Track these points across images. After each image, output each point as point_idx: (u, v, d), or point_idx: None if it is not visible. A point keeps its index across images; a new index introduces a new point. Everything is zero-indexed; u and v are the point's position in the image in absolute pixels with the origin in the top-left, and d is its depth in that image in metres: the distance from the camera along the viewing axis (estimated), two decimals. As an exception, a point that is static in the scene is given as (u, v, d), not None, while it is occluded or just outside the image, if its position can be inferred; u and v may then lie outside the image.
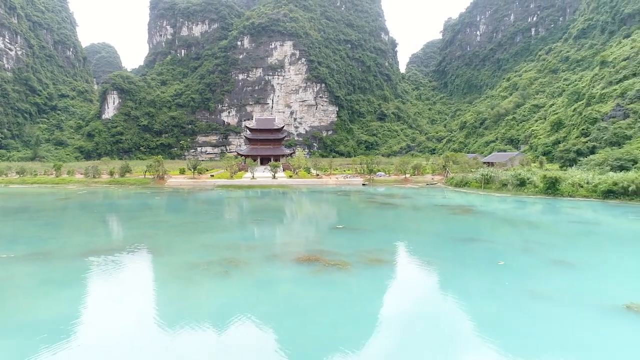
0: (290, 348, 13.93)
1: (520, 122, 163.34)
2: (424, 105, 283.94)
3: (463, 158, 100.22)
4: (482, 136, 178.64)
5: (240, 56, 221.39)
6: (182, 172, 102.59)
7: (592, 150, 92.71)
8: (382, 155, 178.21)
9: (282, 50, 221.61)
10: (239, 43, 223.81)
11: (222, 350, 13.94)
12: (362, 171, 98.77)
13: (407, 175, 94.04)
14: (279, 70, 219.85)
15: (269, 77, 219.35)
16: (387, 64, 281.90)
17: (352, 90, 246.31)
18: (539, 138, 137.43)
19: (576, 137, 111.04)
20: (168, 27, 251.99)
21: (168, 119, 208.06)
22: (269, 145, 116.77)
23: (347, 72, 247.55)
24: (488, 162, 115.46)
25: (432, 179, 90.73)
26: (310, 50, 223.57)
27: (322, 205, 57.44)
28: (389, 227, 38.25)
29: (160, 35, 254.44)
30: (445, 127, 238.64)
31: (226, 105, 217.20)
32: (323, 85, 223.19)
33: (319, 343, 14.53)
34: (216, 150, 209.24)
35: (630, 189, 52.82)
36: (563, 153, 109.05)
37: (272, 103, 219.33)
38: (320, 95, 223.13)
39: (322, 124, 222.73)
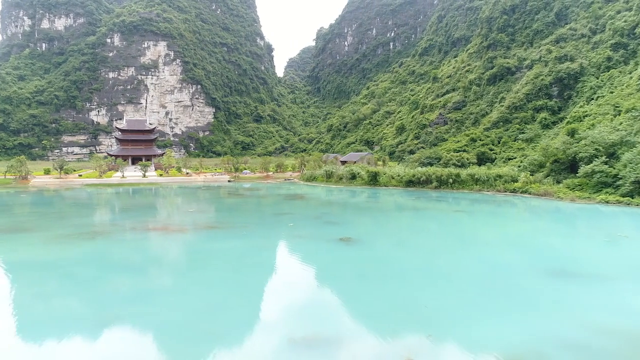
0: (128, 270, 24.64)
1: (375, 126, 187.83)
2: (299, 108, 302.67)
3: (313, 157, 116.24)
4: (345, 138, 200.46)
5: (111, 54, 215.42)
6: (47, 172, 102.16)
7: (415, 150, 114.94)
8: (258, 155, 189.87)
9: (156, 50, 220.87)
10: (108, 40, 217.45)
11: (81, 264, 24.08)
12: (229, 169, 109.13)
13: (270, 173, 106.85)
14: (152, 70, 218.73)
15: (142, 77, 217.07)
16: (263, 68, 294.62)
17: (228, 93, 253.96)
18: (388, 140, 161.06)
19: (411, 140, 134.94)
20: (25, 17, 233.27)
21: (28, 117, 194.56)
22: (140, 146, 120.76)
23: (224, 74, 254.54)
24: (344, 161, 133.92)
25: (291, 175, 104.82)
26: (185, 51, 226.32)
27: (184, 197, 66.92)
28: (231, 209, 49.99)
29: (16, 27, 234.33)
30: (316, 129, 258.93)
31: (95, 104, 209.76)
32: (199, 86, 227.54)
33: (148, 275, 25.45)
34: (84, 150, 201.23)
35: (422, 179, 71.62)
36: (400, 152, 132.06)
37: (146, 103, 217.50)
38: (197, 96, 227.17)
39: (199, 124, 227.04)
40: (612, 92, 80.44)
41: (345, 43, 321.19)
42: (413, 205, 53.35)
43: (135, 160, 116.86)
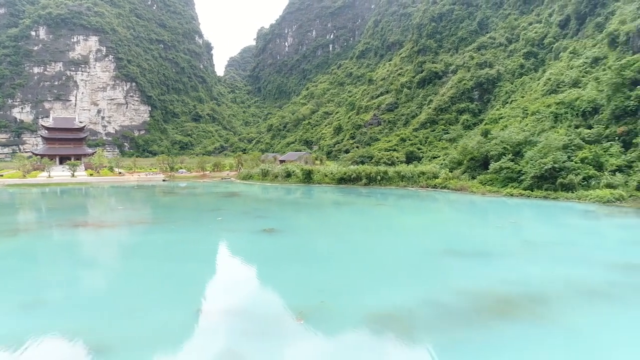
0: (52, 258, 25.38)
1: (314, 127, 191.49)
2: (239, 108, 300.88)
3: (250, 156, 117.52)
4: (285, 138, 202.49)
5: (36, 48, 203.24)
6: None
7: (351, 150, 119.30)
8: (197, 155, 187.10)
9: (87, 45, 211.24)
10: (33, 33, 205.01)
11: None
12: (165, 169, 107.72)
13: (207, 172, 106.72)
14: (83, 66, 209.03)
15: (72, 73, 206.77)
16: (202, 66, 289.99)
17: (165, 91, 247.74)
18: (326, 140, 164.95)
19: (347, 139, 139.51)
20: None
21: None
22: (69, 145, 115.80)
23: (160, 72, 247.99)
24: (283, 160, 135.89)
25: (228, 174, 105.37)
26: (119, 47, 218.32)
27: (114, 196, 66.03)
28: (162, 206, 50.55)
29: None
30: (257, 129, 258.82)
31: (19, 100, 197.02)
32: (134, 84, 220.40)
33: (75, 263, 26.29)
34: (7, 150, 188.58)
35: (353, 176, 75.24)
36: (337, 152, 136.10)
37: (76, 100, 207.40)
38: (131, 94, 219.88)
39: (134, 123, 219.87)
40: (522, 97, 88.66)
41: (286, 44, 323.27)
42: (340, 200, 56.55)
43: (64, 159, 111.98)
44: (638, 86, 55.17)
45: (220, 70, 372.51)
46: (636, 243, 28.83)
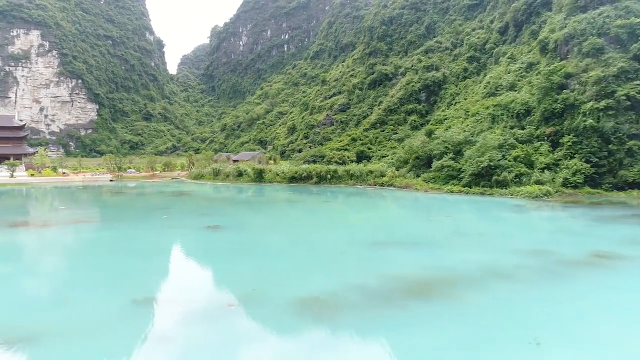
0: None
1: (269, 126, 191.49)
2: (192, 107, 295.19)
3: (202, 156, 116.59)
4: (239, 138, 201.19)
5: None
6: None
7: (304, 149, 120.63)
8: (148, 155, 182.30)
9: (27, 39, 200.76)
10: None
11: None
12: (112, 169, 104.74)
13: (157, 172, 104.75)
14: (23, 61, 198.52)
15: (11, 68, 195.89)
16: (153, 64, 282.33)
17: (114, 89, 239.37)
18: (280, 140, 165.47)
19: (301, 139, 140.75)
20: None
21: None
22: (7, 144, 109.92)
23: (109, 69, 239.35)
24: (236, 160, 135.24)
25: (179, 174, 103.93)
26: (63, 42, 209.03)
27: (57, 196, 63.90)
28: (107, 206, 49.75)
29: None
30: (210, 128, 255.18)
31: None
32: (80, 81, 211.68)
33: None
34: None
35: (303, 175, 76.49)
36: (290, 152, 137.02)
37: (16, 97, 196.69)
38: (77, 91, 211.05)
39: (80, 122, 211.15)
40: (465, 99, 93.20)
41: (240, 43, 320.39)
42: (289, 198, 57.68)
43: (2, 159, 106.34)
44: (564, 90, 59.77)
45: (172, 68, 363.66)
46: (551, 232, 31.75)
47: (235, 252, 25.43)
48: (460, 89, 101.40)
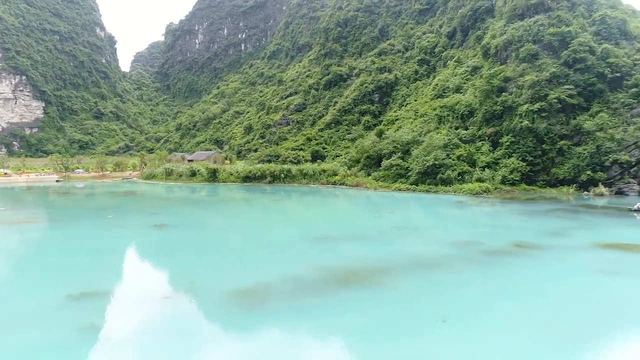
0: None
1: (225, 126, 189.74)
2: (146, 106, 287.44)
3: (155, 155, 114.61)
4: (194, 137, 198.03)
5: None
6: None
7: (260, 149, 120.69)
8: (99, 155, 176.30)
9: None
10: None
11: None
12: (59, 169, 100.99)
13: (107, 172, 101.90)
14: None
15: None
16: (104, 60, 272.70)
17: (62, 86, 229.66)
18: (236, 139, 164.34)
19: (257, 139, 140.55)
20: None
21: None
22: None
23: (56, 65, 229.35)
24: (191, 160, 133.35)
25: (130, 174, 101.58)
26: (6, 36, 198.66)
27: None
28: (52, 207, 48.40)
29: None
30: (165, 128, 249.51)
31: None
32: (24, 77, 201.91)
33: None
34: None
35: (257, 175, 76.85)
36: (247, 151, 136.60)
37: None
38: (21, 88, 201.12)
39: (25, 120, 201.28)
40: (415, 100, 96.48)
41: (196, 41, 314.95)
42: (241, 197, 58.11)
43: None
44: (503, 93, 63.37)
45: (125, 65, 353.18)
46: (482, 225, 34.07)
47: (180, 249, 25.87)
48: (411, 90, 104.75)
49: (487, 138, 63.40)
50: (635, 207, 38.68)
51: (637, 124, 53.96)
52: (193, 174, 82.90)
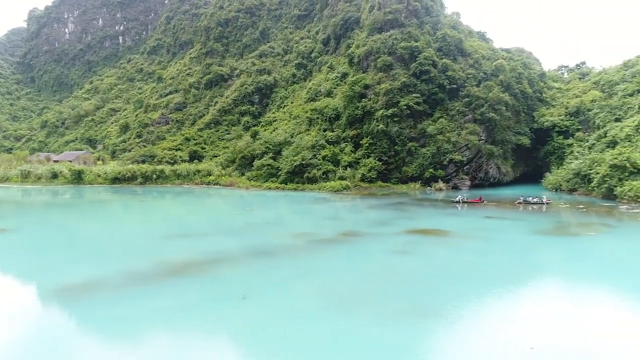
0: None
1: (99, 124, 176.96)
2: (5, 100, 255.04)
3: (14, 156, 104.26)
4: (63, 136, 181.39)
5: None
6: None
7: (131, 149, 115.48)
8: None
9: None
10: None
11: None
12: None
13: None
14: None
15: None
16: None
17: None
18: (111, 139, 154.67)
19: (134, 138, 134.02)
20: None
21: None
22: None
23: None
24: (58, 160, 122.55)
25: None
26: None
27: None
28: None
29: None
30: (28, 125, 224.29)
31: None
32: None
33: None
34: None
35: (127, 176, 74.30)
36: (122, 151, 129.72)
37: None
38: None
39: None
40: (292, 103, 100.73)
41: (66, 30, 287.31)
42: (103, 199, 56.32)
43: None
44: (364, 99, 69.78)
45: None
46: (325, 218, 38.22)
47: (15, 252, 25.38)
48: (289, 92, 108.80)
49: (350, 140, 69.32)
50: (457, 199, 46.19)
51: (468, 129, 63.55)
52: (54, 175, 77.27)
